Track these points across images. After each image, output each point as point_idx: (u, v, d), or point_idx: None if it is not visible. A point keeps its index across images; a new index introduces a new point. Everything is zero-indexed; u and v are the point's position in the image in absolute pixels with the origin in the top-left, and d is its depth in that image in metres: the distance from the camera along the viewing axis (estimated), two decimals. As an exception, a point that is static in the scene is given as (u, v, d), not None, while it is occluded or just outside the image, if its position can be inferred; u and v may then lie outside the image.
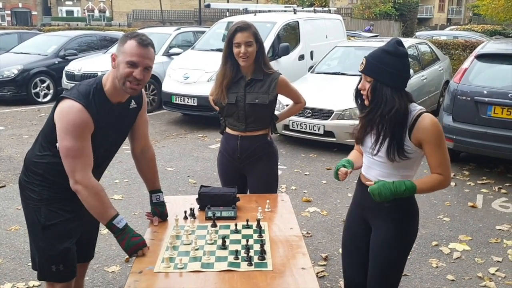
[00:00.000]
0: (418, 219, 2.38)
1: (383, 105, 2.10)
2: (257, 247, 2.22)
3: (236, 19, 10.01)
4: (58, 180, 2.27)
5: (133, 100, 2.41)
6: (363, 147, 2.33)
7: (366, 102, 2.20)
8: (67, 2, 56.59)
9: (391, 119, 2.10)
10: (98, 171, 2.41)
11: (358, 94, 2.27)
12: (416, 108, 2.17)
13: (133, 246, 2.22)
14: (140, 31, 2.55)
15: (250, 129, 3.04)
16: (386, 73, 2.10)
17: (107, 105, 2.25)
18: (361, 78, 2.22)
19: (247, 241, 2.24)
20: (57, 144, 2.17)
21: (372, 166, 2.31)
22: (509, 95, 5.48)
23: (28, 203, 2.33)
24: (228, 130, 3.15)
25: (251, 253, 2.15)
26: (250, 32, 2.90)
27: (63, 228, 2.32)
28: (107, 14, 53.98)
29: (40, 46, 11.76)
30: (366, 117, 2.20)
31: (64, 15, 54.67)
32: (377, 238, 2.33)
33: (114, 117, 2.32)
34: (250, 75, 2.99)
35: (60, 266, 2.32)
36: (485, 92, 5.72)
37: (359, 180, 2.47)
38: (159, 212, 2.58)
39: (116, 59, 2.21)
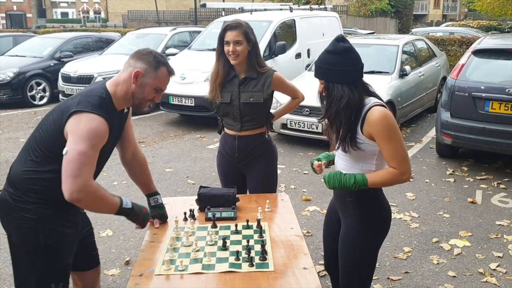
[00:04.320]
0: (387, 217, 2.39)
1: (335, 101, 2.18)
2: (258, 247, 2.20)
3: (232, 18, 10.00)
4: (57, 197, 2.09)
5: None
6: (332, 141, 2.41)
7: (325, 102, 2.29)
8: (61, 4, 56.47)
9: (345, 111, 2.17)
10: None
11: (321, 97, 2.35)
12: (370, 101, 2.20)
13: (147, 216, 2.37)
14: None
15: (246, 128, 3.03)
16: (332, 72, 2.18)
17: (114, 114, 2.19)
18: None
19: (248, 241, 2.22)
20: (65, 149, 1.99)
21: (338, 159, 2.41)
22: (507, 90, 5.47)
23: (21, 224, 2.14)
24: (225, 130, 3.15)
25: (252, 253, 2.13)
26: (239, 31, 2.89)
27: (63, 244, 2.23)
28: (102, 15, 53.94)
29: (36, 49, 11.72)
30: (325, 115, 2.27)
31: (59, 17, 54.56)
32: (342, 233, 2.41)
33: (118, 124, 2.29)
34: (244, 74, 2.98)
35: (60, 285, 2.24)
36: (483, 87, 5.72)
37: None
38: (158, 215, 2.55)
39: (140, 78, 2.18)
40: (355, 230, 2.33)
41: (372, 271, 2.45)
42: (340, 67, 2.16)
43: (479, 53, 6.17)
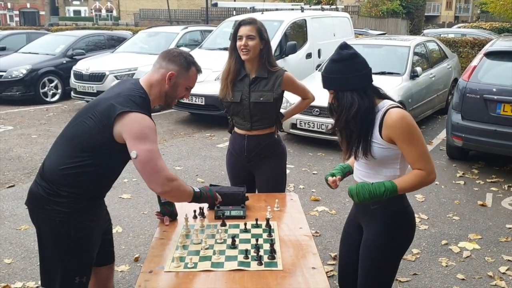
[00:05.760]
0: (412, 223, 2.32)
1: (345, 110, 2.12)
2: (266, 246, 2.21)
3: (243, 17, 10.01)
4: (90, 192, 2.23)
5: None
6: (344, 151, 2.32)
7: (336, 112, 2.23)
8: (74, 2, 56.87)
9: (355, 119, 2.11)
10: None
11: (331, 108, 2.27)
12: (385, 104, 2.15)
13: (213, 192, 2.50)
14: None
15: (255, 127, 3.04)
16: (339, 81, 2.13)
17: (150, 113, 2.26)
18: None
19: (257, 240, 2.23)
20: (133, 152, 2.08)
21: (357, 166, 2.32)
22: (519, 93, 5.43)
23: (53, 217, 2.18)
24: (235, 129, 3.16)
25: (261, 252, 2.15)
26: (253, 27, 2.92)
27: (90, 238, 2.28)
28: (114, 13, 54.26)
29: (48, 46, 11.82)
30: (336, 124, 2.22)
31: (72, 15, 54.98)
32: (365, 240, 2.32)
33: None
34: (255, 73, 2.99)
35: (84, 278, 2.29)
36: (495, 90, 5.68)
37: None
38: (168, 212, 2.57)
39: (173, 79, 2.29)
40: (380, 238, 2.24)
41: (393, 279, 2.37)
42: (347, 75, 2.11)
43: (491, 55, 6.13)
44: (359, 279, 2.37)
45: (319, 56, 9.93)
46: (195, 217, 2.58)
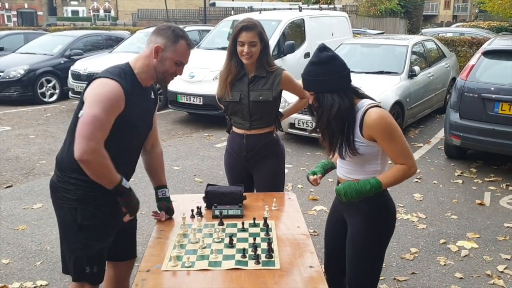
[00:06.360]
0: (393, 214, 2.40)
1: (326, 110, 2.19)
2: (264, 245, 2.21)
3: (241, 17, 10.02)
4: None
5: (152, 91, 2.47)
6: (327, 150, 2.39)
7: (316, 113, 2.31)
8: (72, 2, 56.87)
9: (336, 119, 2.18)
10: (131, 168, 2.47)
11: (312, 109, 2.34)
12: (364, 104, 2.21)
13: (138, 205, 2.36)
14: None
15: (254, 126, 3.04)
16: (320, 83, 2.18)
17: (137, 87, 2.26)
18: None
19: (254, 239, 2.22)
20: (81, 111, 2.08)
21: (340, 164, 2.40)
22: (517, 91, 5.44)
23: (63, 204, 2.26)
24: (234, 128, 3.15)
25: (259, 251, 2.14)
26: (255, 32, 2.90)
27: (100, 228, 2.29)
28: (112, 13, 54.25)
29: (46, 46, 11.80)
30: (317, 125, 2.28)
31: (70, 15, 54.97)
32: (351, 234, 2.40)
33: (142, 101, 2.34)
34: (254, 72, 2.99)
35: (94, 268, 2.30)
36: (492, 88, 5.69)
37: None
38: (165, 207, 2.57)
39: (160, 53, 2.25)
40: (364, 230, 2.34)
41: (381, 269, 2.47)
42: (327, 77, 2.17)
43: (489, 54, 6.14)
44: (348, 272, 2.45)
45: (317, 56, 9.92)
46: (192, 216, 2.58)
